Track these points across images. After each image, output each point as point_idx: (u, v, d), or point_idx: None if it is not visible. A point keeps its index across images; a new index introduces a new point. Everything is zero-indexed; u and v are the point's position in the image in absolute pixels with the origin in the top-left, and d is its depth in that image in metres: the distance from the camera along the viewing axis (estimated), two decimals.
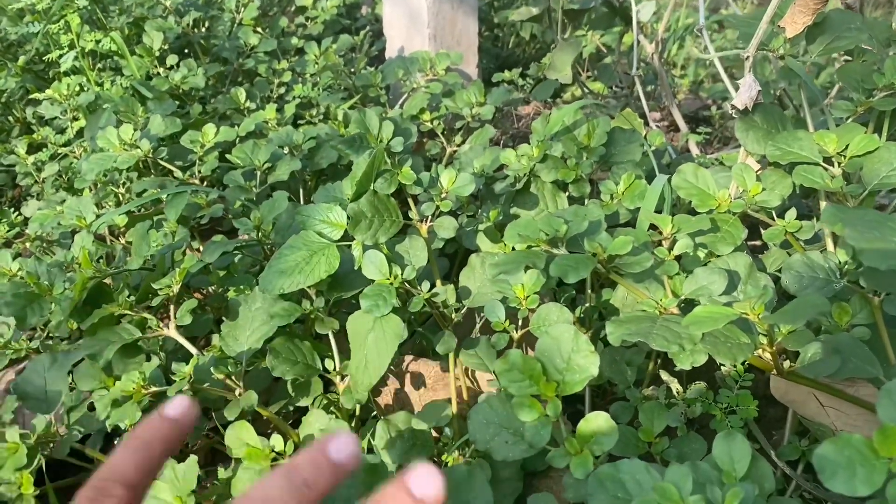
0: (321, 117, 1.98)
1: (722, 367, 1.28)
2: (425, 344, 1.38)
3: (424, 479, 0.46)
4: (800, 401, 1.04)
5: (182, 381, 0.99)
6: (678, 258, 1.00)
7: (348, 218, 1.05)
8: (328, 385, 1.23)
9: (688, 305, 0.96)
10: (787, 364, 0.96)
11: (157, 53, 2.10)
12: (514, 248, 1.11)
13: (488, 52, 2.94)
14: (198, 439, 1.39)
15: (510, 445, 0.90)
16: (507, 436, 0.91)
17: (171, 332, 1.12)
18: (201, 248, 1.51)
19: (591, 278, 1.30)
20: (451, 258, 1.55)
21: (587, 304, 1.27)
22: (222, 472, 1.21)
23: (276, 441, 1.01)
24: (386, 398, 1.28)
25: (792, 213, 1.10)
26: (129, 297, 1.12)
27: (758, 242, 1.70)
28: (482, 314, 1.33)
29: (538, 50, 3.02)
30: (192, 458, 0.97)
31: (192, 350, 1.10)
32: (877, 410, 0.67)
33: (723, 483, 0.72)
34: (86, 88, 2.04)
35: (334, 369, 1.14)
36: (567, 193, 1.35)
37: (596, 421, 0.83)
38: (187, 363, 1.02)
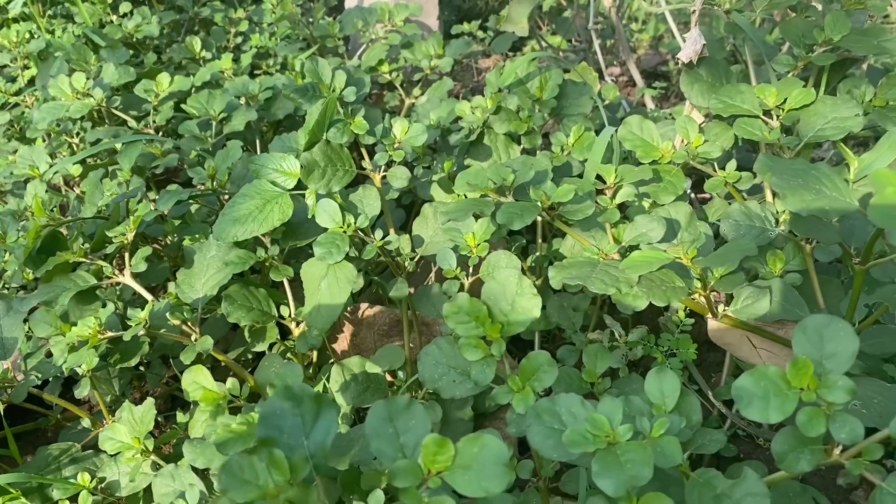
0: (278, 68, 1.97)
1: (664, 314, 1.33)
2: (381, 293, 1.41)
3: None
4: (735, 343, 1.10)
5: (137, 327, 1.01)
6: (621, 207, 1.03)
7: (301, 167, 1.07)
8: (285, 334, 1.26)
9: (629, 252, 1.00)
10: (721, 308, 1.01)
11: (110, 0, 2.06)
12: (464, 197, 1.14)
13: (449, 4, 2.92)
14: (157, 387, 1.41)
15: (457, 384, 0.94)
16: (455, 375, 0.95)
17: (127, 280, 1.13)
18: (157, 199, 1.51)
19: (542, 228, 1.34)
20: (408, 210, 1.58)
21: (538, 253, 1.31)
22: (181, 416, 1.24)
23: (233, 385, 1.04)
24: (342, 344, 1.31)
25: (732, 165, 1.14)
26: (83, 245, 1.12)
27: (707, 195, 1.75)
28: (436, 264, 1.37)
29: (500, 3, 3.01)
30: (150, 401, 0.99)
31: (148, 297, 1.12)
32: (792, 345, 0.72)
33: (652, 415, 0.76)
34: (36, 36, 2.00)
35: (290, 316, 1.17)
36: (520, 146, 1.38)
37: (538, 359, 0.87)
38: (143, 310, 1.04)
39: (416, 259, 1.19)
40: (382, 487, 0.70)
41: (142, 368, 1.43)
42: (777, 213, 1.12)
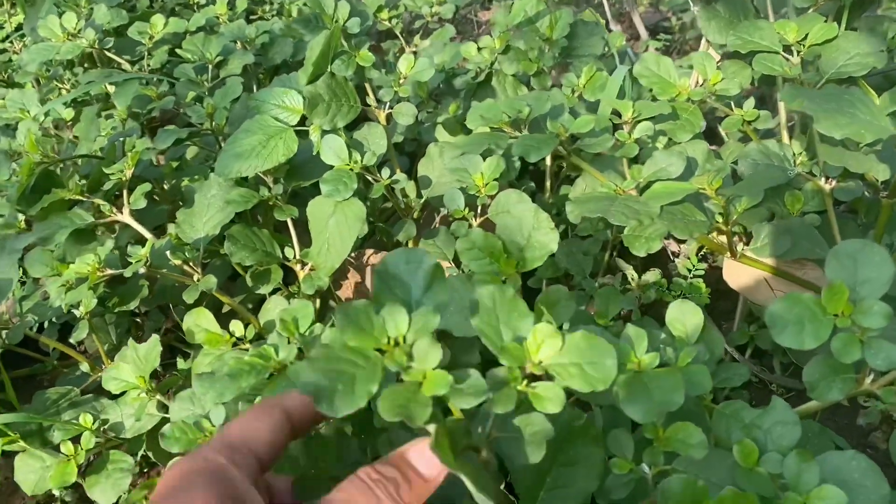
0: (274, 13, 1.91)
1: (673, 260, 1.31)
2: (385, 240, 1.38)
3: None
4: (751, 286, 1.07)
5: (138, 264, 0.98)
6: (638, 143, 1.00)
7: (305, 100, 1.03)
8: (288, 278, 1.22)
9: (646, 189, 0.97)
10: (740, 247, 0.98)
11: None
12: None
13: None
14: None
15: (467, 323, 0.91)
16: (467, 314, 0.92)
17: (126, 218, 1.09)
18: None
19: (550, 175, 1.30)
20: (412, 157, 1.54)
21: (547, 198, 1.28)
22: (182, 363, 1.21)
23: (236, 327, 1.01)
24: (346, 291, 1.28)
25: (750, 103, 1.10)
26: (80, 182, 1.09)
27: (715, 147, 1.72)
28: (441, 210, 1.33)
29: None
30: (155, 338, 0.96)
31: (147, 235, 1.08)
32: (825, 271, 0.69)
33: (676, 346, 0.73)
34: None
35: (294, 257, 1.13)
36: (529, 89, 1.34)
37: (556, 293, 0.84)
38: (143, 247, 1.00)
39: (422, 201, 1.16)
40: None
41: (139, 319, 1.40)
42: (795, 154, 1.09)
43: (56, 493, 1.15)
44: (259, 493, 0.50)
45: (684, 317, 0.76)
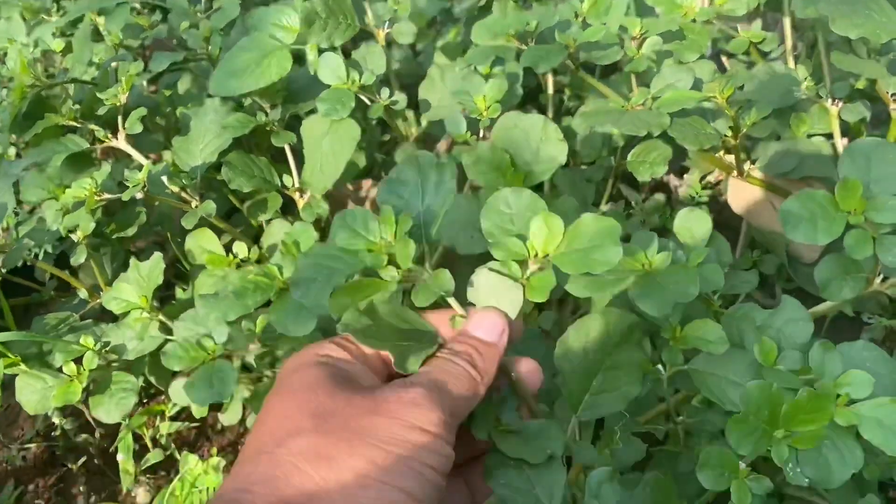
0: None
1: (678, 189, 1.30)
2: (385, 174, 1.36)
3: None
4: (756, 209, 1.07)
5: (136, 188, 0.96)
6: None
7: (301, 18, 1.00)
8: (288, 211, 1.21)
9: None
10: (747, 166, 0.97)
11: None
12: None
13: None
14: None
15: (475, 240, 0.90)
16: (472, 231, 0.91)
17: (121, 144, 1.07)
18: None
19: (554, 103, 1.28)
20: (410, 89, 1.51)
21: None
22: (181, 293, 1.20)
23: (240, 248, 1.00)
24: None
25: (757, 25, 1.09)
26: (73, 107, 1.06)
27: None
28: (437, 144, 1.32)
29: None
30: (157, 255, 0.95)
31: (144, 161, 1.06)
32: (838, 169, 0.68)
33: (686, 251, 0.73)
34: None
35: (293, 185, 1.12)
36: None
37: (564, 204, 0.84)
38: (140, 172, 0.98)
39: (423, 127, 1.14)
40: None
41: (132, 259, 1.38)
42: (801, 78, 1.08)
43: (56, 421, 1.15)
44: (375, 378, 0.55)
45: (692, 224, 0.76)
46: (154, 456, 1.11)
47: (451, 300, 0.60)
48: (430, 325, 0.59)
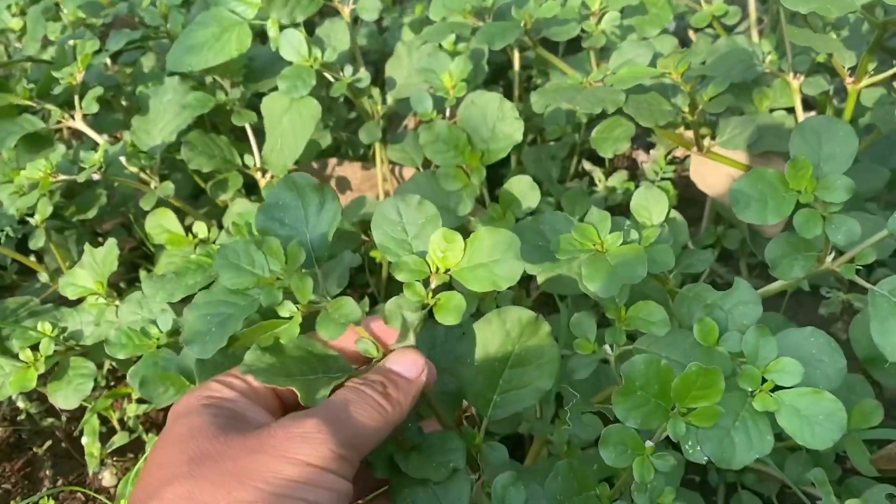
0: None
1: (641, 165, 1.30)
2: (352, 153, 1.35)
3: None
4: (718, 184, 1.07)
5: (91, 169, 0.94)
6: (606, 36, 0.98)
7: None
8: (253, 188, 1.20)
9: None
10: (707, 142, 0.97)
11: None
12: None
13: None
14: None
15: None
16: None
17: (78, 124, 1.05)
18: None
19: (518, 82, 1.27)
20: (377, 66, 1.50)
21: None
22: (145, 275, 1.19)
23: (199, 228, 0.99)
24: None
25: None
26: (28, 86, 1.04)
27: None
28: (404, 122, 1.30)
29: None
30: (111, 241, 0.93)
31: (101, 141, 1.04)
32: (789, 148, 0.68)
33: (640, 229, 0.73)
34: None
35: (255, 165, 1.10)
36: None
37: (518, 184, 0.83)
38: (97, 152, 0.97)
39: (388, 105, 1.13)
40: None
41: (101, 239, 1.37)
42: (764, 53, 1.07)
43: (21, 405, 1.14)
44: (265, 414, 0.53)
45: (649, 203, 0.75)
46: (119, 438, 1.10)
47: (360, 329, 0.58)
48: (338, 354, 0.57)
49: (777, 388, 0.60)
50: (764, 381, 0.61)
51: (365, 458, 0.53)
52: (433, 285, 0.59)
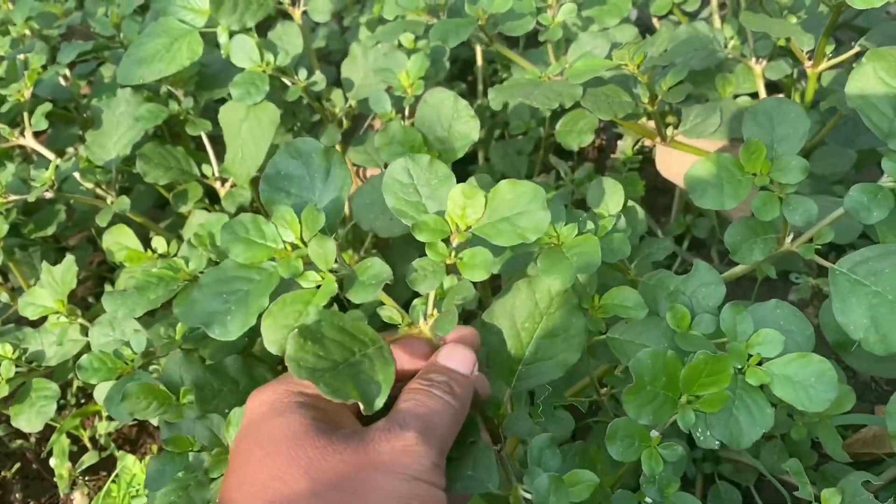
0: None
1: (611, 156, 1.29)
2: None
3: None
4: (683, 173, 1.06)
5: (42, 188, 0.92)
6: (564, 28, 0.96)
7: (210, 0, 0.96)
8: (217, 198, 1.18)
9: None
10: (670, 131, 0.96)
11: None
12: None
13: None
14: (83, 269, 1.33)
15: (395, 221, 0.88)
16: (390, 212, 0.88)
17: (28, 141, 1.03)
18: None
19: (483, 77, 1.26)
20: (339, 66, 1.48)
21: (477, 102, 1.24)
22: (109, 288, 1.17)
23: (159, 243, 0.97)
24: None
25: None
26: None
27: None
28: (370, 119, 1.29)
29: None
30: (69, 258, 0.91)
31: (51, 157, 1.02)
32: (743, 131, 0.67)
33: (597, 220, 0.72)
34: None
35: (213, 175, 1.09)
36: None
37: (480, 182, 0.81)
38: (47, 170, 0.94)
39: (347, 105, 1.11)
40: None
41: (68, 253, 1.35)
42: (727, 38, 1.06)
43: None
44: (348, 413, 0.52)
45: (604, 194, 0.74)
46: (89, 458, 1.08)
47: (388, 302, 0.56)
48: (360, 322, 0.53)
49: (763, 360, 0.60)
50: (749, 356, 0.60)
51: None
52: (455, 244, 0.57)
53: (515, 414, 0.62)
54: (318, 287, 0.53)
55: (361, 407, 0.47)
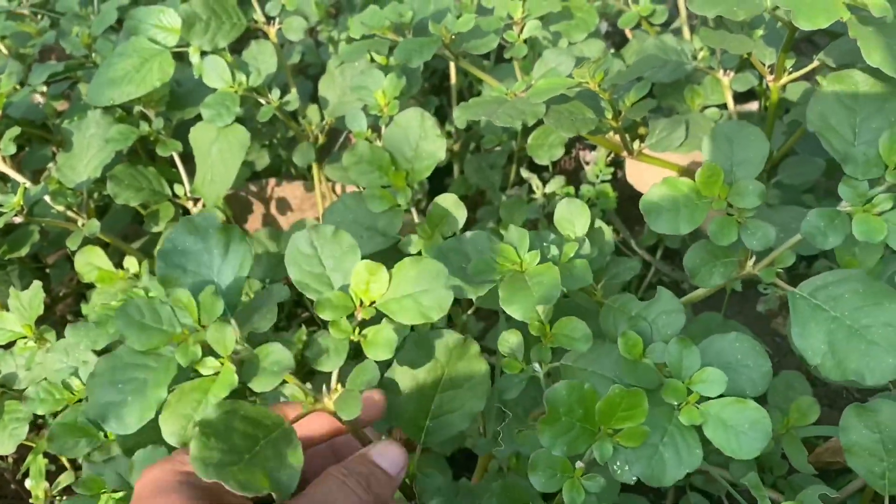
0: None
1: (586, 165, 1.30)
2: (294, 171, 1.33)
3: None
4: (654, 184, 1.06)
5: (11, 213, 0.92)
6: (531, 44, 0.97)
7: (182, 20, 0.97)
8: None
9: None
10: (637, 145, 0.96)
11: None
12: None
13: None
14: (61, 286, 1.33)
15: (365, 240, 0.88)
16: (363, 231, 0.89)
17: None
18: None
19: (457, 92, 1.26)
20: (316, 81, 1.48)
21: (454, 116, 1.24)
22: (86, 308, 1.17)
23: (130, 263, 0.97)
24: (254, 223, 1.24)
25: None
26: None
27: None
28: (346, 134, 1.29)
29: None
30: (36, 284, 0.91)
31: (21, 181, 1.02)
32: (703, 154, 0.68)
33: (562, 244, 0.72)
34: None
35: (185, 194, 1.09)
36: None
37: (444, 202, 0.82)
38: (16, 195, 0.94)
39: (323, 123, 1.11)
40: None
41: (48, 270, 1.35)
42: (696, 50, 1.07)
43: None
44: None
45: (572, 216, 0.75)
46: (66, 478, 1.08)
47: (290, 380, 0.54)
48: (266, 409, 0.53)
49: (703, 398, 0.60)
50: (689, 392, 0.61)
51: None
52: (359, 319, 0.57)
53: (426, 472, 0.63)
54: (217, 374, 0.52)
55: (275, 497, 0.46)
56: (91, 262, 0.97)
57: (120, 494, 0.69)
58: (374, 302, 0.57)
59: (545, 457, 0.58)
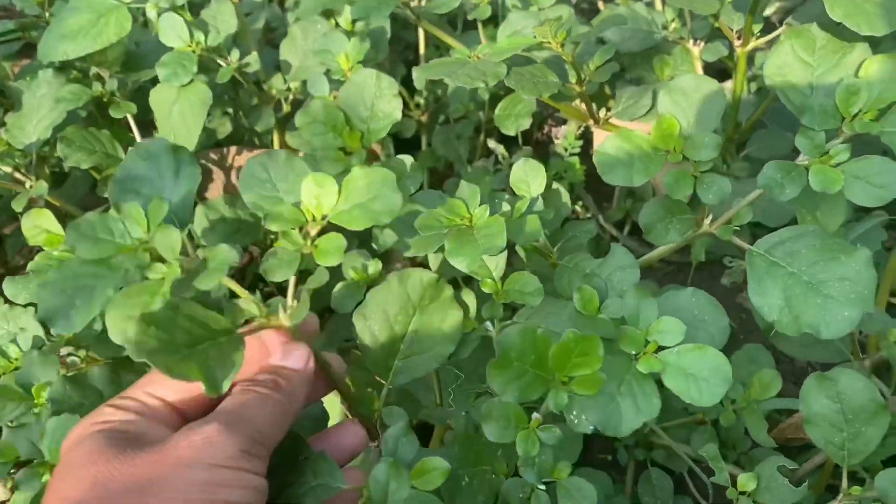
0: None
1: (553, 143, 1.28)
2: (258, 141, 1.30)
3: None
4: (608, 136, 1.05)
5: None
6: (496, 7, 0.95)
7: None
8: None
9: None
10: (603, 113, 0.94)
11: None
12: None
13: None
14: (17, 256, 1.30)
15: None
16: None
17: None
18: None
19: (425, 60, 1.24)
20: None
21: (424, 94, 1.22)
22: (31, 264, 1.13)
23: None
24: (214, 192, 1.21)
25: None
26: None
27: None
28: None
29: None
30: None
31: None
32: (657, 107, 0.66)
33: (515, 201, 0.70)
34: None
35: None
36: None
37: (399, 164, 0.79)
38: None
39: (288, 92, 1.08)
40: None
41: (3, 240, 1.31)
42: (668, 21, 1.05)
43: None
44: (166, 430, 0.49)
45: (527, 175, 0.73)
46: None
47: (243, 294, 0.54)
48: (230, 323, 0.52)
49: (661, 348, 0.58)
50: (647, 343, 0.58)
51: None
52: (312, 234, 0.55)
53: (389, 409, 0.61)
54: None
55: (204, 388, 0.45)
56: (39, 225, 0.93)
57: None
58: (325, 216, 0.56)
59: (499, 406, 0.56)
